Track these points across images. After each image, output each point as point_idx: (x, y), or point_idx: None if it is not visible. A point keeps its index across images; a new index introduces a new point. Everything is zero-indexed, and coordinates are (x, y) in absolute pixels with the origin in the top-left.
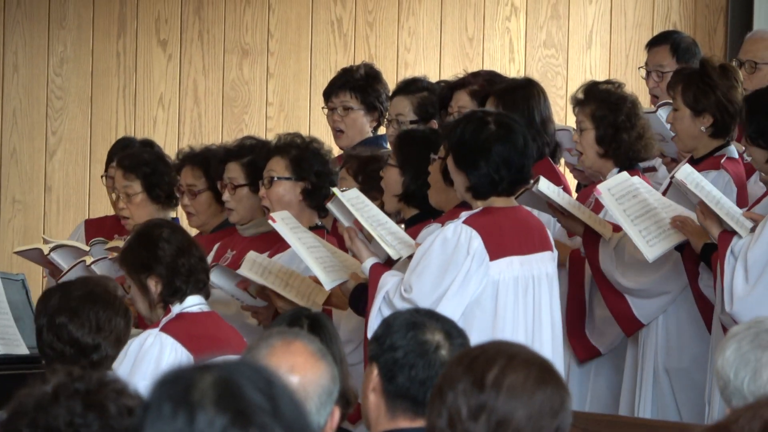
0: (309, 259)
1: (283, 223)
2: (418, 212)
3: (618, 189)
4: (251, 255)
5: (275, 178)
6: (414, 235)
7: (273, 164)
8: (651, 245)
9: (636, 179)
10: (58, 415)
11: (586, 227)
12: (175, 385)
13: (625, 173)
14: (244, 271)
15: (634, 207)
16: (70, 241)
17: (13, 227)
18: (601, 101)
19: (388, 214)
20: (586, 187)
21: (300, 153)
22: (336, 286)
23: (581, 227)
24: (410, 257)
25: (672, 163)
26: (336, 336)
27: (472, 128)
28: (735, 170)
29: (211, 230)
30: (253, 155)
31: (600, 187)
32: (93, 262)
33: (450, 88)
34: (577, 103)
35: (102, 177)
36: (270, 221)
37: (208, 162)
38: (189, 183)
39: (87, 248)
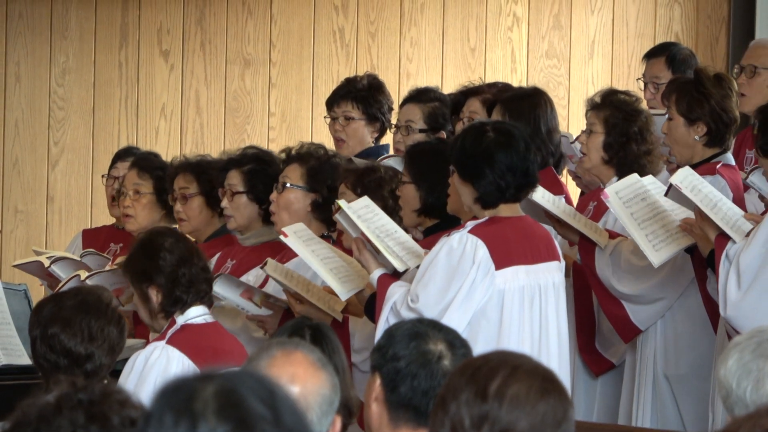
0: (323, 270)
1: (295, 236)
2: (438, 222)
3: (626, 192)
4: (271, 260)
5: (288, 185)
6: (431, 245)
7: (289, 171)
8: (657, 250)
9: (648, 179)
10: (60, 426)
11: (581, 235)
12: (176, 395)
13: (635, 175)
14: (269, 270)
15: (642, 210)
16: (64, 253)
17: (15, 238)
18: (617, 108)
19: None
20: (585, 195)
21: (318, 165)
22: (352, 295)
23: (576, 235)
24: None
25: (677, 169)
26: (338, 346)
27: (472, 138)
28: (731, 176)
29: (205, 239)
30: (254, 164)
31: (608, 189)
32: (87, 277)
33: (463, 93)
34: (593, 106)
35: (102, 177)
36: (281, 237)
37: (201, 168)
38: (181, 186)
39: (79, 259)
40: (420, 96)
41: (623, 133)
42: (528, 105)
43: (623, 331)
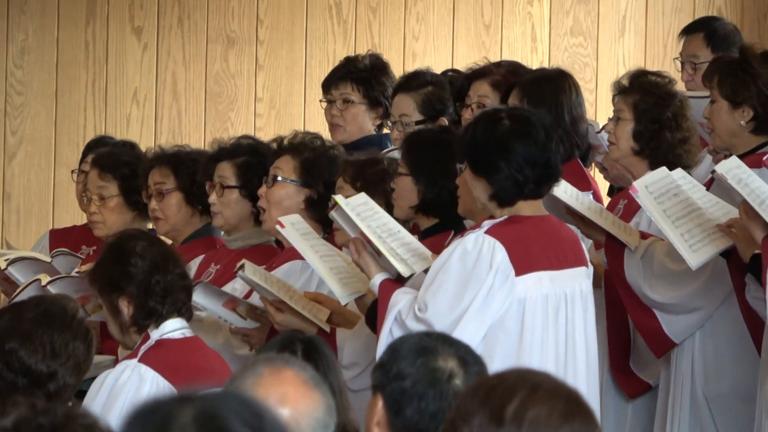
0: (322, 269)
1: (293, 228)
2: (437, 222)
3: (657, 186)
4: (249, 263)
5: (279, 179)
6: (431, 248)
7: (281, 162)
8: (695, 250)
9: (677, 173)
10: None
11: (608, 235)
12: (151, 420)
13: (664, 168)
14: (248, 273)
15: (675, 207)
16: (30, 252)
17: None
18: (648, 92)
19: (402, 223)
20: (617, 192)
21: (314, 157)
22: (352, 300)
23: (602, 235)
24: (426, 271)
25: (720, 156)
26: (334, 363)
27: (484, 127)
28: None
29: (183, 240)
30: (249, 156)
31: (636, 183)
32: (49, 282)
33: (467, 77)
34: (620, 90)
35: (72, 172)
36: (278, 226)
37: (179, 160)
38: (156, 181)
39: (49, 259)
40: (409, 83)
41: (655, 120)
42: (550, 89)
43: (655, 344)
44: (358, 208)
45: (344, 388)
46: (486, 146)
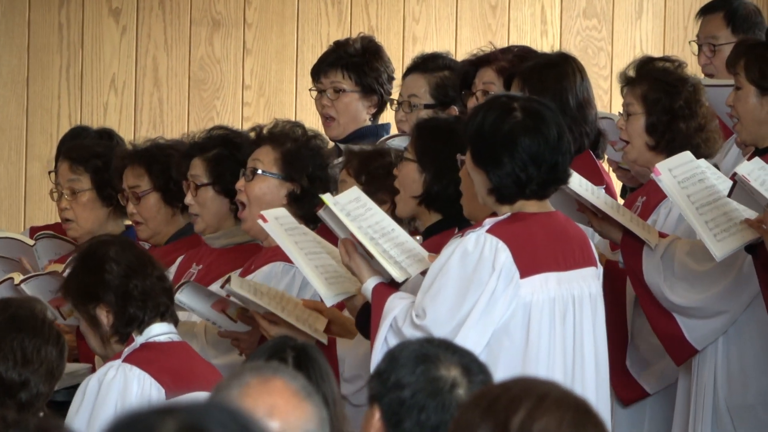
0: (307, 268)
1: (276, 223)
2: (441, 218)
3: (681, 170)
4: (235, 276)
5: (259, 171)
6: (433, 248)
7: (261, 154)
8: (719, 240)
9: (702, 162)
10: None
11: (625, 233)
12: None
13: (688, 153)
14: (234, 287)
15: (700, 193)
16: (10, 233)
17: None
18: (656, 81)
19: (399, 221)
20: (633, 191)
21: (296, 148)
22: (340, 301)
23: (619, 232)
24: (424, 274)
25: (750, 148)
26: (328, 372)
27: (494, 117)
28: None
29: (165, 241)
30: (221, 148)
31: (659, 166)
32: (23, 281)
33: (473, 64)
34: (627, 82)
35: (49, 173)
36: (260, 221)
37: (151, 157)
38: (130, 185)
39: (32, 242)
40: (425, 64)
41: (667, 110)
42: (552, 76)
43: (675, 350)
44: (347, 207)
45: (339, 399)
46: (492, 137)
